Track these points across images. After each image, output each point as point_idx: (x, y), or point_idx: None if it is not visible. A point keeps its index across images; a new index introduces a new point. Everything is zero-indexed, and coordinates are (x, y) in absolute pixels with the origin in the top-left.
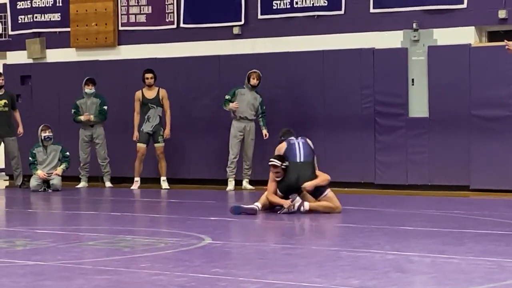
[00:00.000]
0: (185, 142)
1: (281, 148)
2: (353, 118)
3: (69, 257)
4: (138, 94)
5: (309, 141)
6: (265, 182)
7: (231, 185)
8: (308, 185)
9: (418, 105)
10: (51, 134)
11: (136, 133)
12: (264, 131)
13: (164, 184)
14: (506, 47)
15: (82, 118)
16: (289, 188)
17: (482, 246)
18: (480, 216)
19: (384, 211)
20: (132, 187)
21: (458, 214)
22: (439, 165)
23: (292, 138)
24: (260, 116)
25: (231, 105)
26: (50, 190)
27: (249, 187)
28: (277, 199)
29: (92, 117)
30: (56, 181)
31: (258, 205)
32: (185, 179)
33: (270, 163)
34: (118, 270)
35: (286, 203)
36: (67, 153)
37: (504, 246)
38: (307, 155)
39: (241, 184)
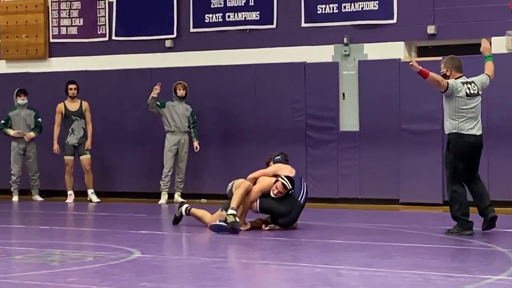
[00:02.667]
0: (117, 155)
1: (285, 169)
2: (284, 131)
3: None
4: (61, 106)
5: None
6: (197, 196)
7: (163, 198)
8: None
9: (349, 119)
10: None
11: (56, 146)
12: (195, 143)
13: (93, 197)
14: (410, 63)
15: (12, 133)
16: (270, 213)
17: (409, 259)
18: (409, 230)
19: (315, 225)
20: (67, 201)
21: (387, 227)
22: (369, 179)
23: (296, 173)
24: (191, 127)
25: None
26: None
27: (181, 200)
28: (242, 208)
29: (32, 134)
30: None
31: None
32: (117, 192)
33: (282, 181)
34: (45, 284)
35: (243, 226)
36: None
37: (430, 259)
38: (304, 202)
39: (173, 197)
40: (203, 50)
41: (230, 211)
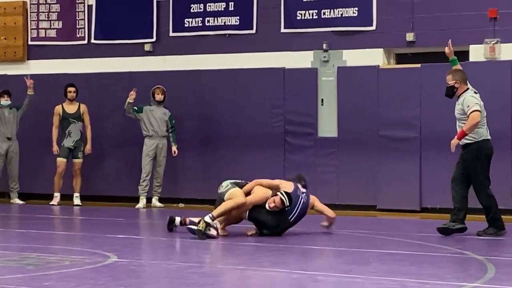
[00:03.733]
0: (96, 159)
1: (288, 186)
2: (263, 136)
3: None
4: (58, 108)
5: (311, 200)
6: (174, 200)
7: (142, 202)
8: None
9: (327, 125)
10: None
11: (55, 147)
12: (174, 148)
13: (77, 201)
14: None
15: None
16: (257, 222)
17: (386, 265)
18: (386, 236)
19: (292, 230)
20: (51, 203)
21: (364, 233)
22: (347, 185)
23: (300, 190)
24: (170, 131)
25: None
26: None
27: (159, 204)
28: (225, 216)
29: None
30: None
31: (215, 224)
32: (96, 195)
33: (281, 196)
34: None
35: (223, 231)
36: None
37: (408, 266)
38: (297, 219)
39: (151, 201)
40: (182, 54)
41: (207, 218)
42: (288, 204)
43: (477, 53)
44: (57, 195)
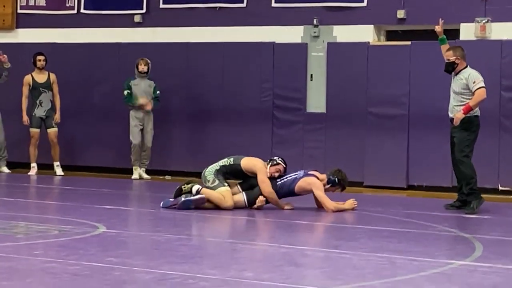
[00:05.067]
0: (83, 129)
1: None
2: (251, 111)
3: None
4: (28, 78)
5: (305, 184)
6: (162, 172)
7: (136, 173)
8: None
9: (316, 100)
10: None
11: (25, 117)
12: (150, 104)
13: (58, 170)
14: (454, 121)
15: None
16: (250, 185)
17: (374, 242)
18: (373, 213)
19: None
20: (29, 173)
21: (351, 209)
22: (334, 161)
23: (302, 172)
24: (153, 96)
25: (141, 100)
26: None
27: (146, 176)
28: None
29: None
30: None
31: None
32: (84, 166)
33: (283, 165)
34: (10, 256)
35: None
36: None
37: (396, 243)
38: (280, 190)
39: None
40: (172, 26)
41: (194, 187)
42: (285, 166)
43: (467, 31)
44: (34, 165)
